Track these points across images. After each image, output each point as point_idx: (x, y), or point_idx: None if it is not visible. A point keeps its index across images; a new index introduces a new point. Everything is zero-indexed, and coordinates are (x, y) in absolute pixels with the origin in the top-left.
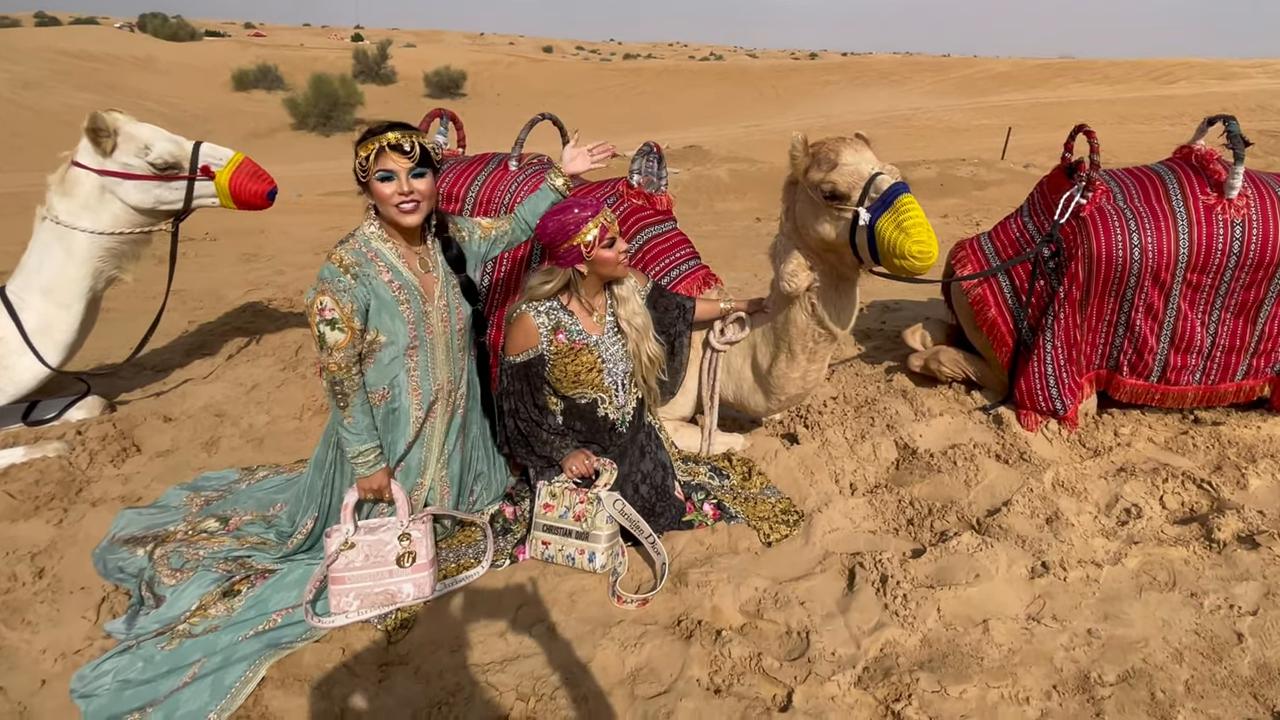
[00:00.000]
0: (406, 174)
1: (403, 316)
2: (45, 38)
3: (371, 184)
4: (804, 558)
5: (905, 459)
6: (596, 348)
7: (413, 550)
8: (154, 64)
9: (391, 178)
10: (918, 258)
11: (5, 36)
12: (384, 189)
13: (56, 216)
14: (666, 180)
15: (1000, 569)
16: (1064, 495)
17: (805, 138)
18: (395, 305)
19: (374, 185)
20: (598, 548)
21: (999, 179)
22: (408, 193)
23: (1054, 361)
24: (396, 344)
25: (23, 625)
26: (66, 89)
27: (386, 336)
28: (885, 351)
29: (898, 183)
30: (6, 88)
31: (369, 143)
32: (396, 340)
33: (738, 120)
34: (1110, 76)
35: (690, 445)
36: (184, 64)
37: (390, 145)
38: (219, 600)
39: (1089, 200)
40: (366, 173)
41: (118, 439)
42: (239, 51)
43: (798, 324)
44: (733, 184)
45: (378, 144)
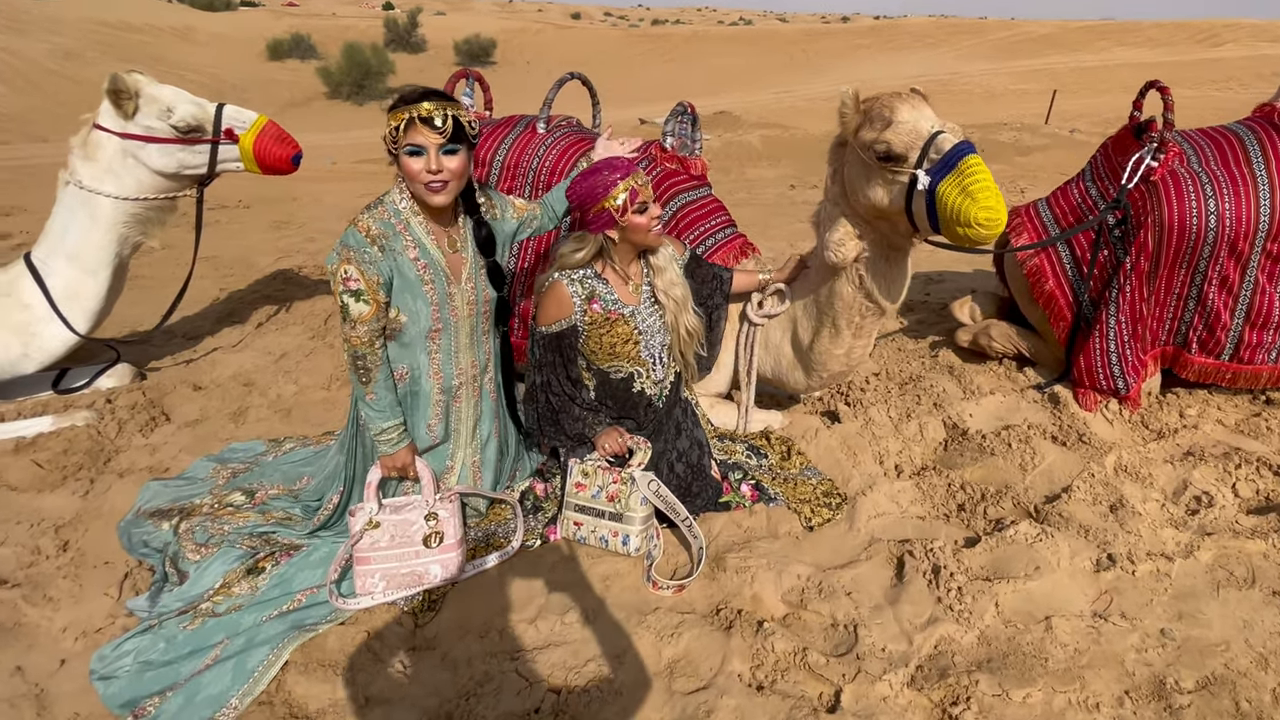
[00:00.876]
0: (437, 150)
1: (426, 297)
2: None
3: (400, 157)
4: (848, 544)
5: (954, 440)
6: (633, 318)
7: (440, 530)
8: (193, 34)
9: (421, 153)
10: (985, 225)
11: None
12: (412, 165)
13: (80, 181)
14: (701, 143)
15: (1062, 561)
16: (1128, 481)
17: (856, 93)
18: (419, 285)
19: (402, 159)
20: (632, 530)
21: (1043, 144)
22: (436, 171)
23: (1117, 337)
24: (418, 325)
25: (44, 601)
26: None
27: (408, 317)
28: (929, 325)
29: (962, 142)
30: (49, 58)
31: (399, 112)
32: (418, 321)
33: (768, 86)
34: (1154, 39)
35: (726, 423)
36: (221, 34)
37: (421, 118)
38: (243, 578)
39: (1160, 163)
40: (396, 144)
41: (147, 408)
42: (273, 21)
43: (843, 297)
44: (765, 151)
45: (408, 114)
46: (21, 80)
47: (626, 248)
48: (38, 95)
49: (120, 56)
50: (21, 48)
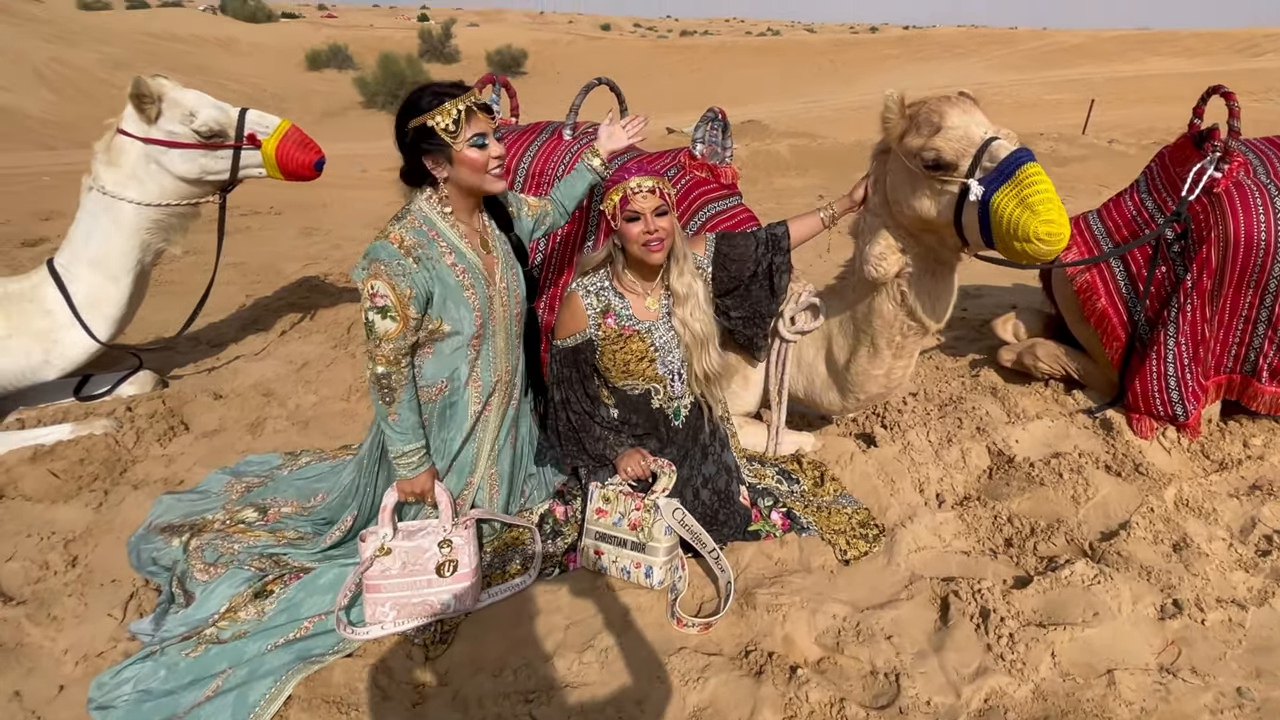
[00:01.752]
0: (494, 136)
1: (469, 303)
2: (134, 20)
3: (462, 152)
4: (887, 580)
5: (999, 467)
6: (648, 335)
7: (454, 558)
8: (235, 45)
9: (484, 143)
10: (1046, 241)
11: (98, 19)
12: (478, 156)
13: (103, 187)
14: (732, 151)
15: (1124, 606)
16: (1190, 517)
17: (902, 96)
18: (461, 291)
19: (465, 153)
20: (655, 561)
21: (1081, 155)
22: (500, 156)
23: (1176, 361)
24: (462, 334)
25: (48, 621)
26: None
27: (452, 326)
28: (969, 343)
29: (1020, 149)
30: (99, 68)
31: (448, 106)
32: (462, 330)
33: (796, 96)
34: (1192, 49)
35: (755, 444)
36: (262, 45)
37: (480, 105)
38: (250, 602)
39: (1224, 174)
40: (456, 137)
41: (166, 416)
42: (312, 32)
43: (883, 314)
44: (793, 160)
45: (465, 104)
46: (71, 89)
47: (636, 261)
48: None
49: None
50: (72, 57)
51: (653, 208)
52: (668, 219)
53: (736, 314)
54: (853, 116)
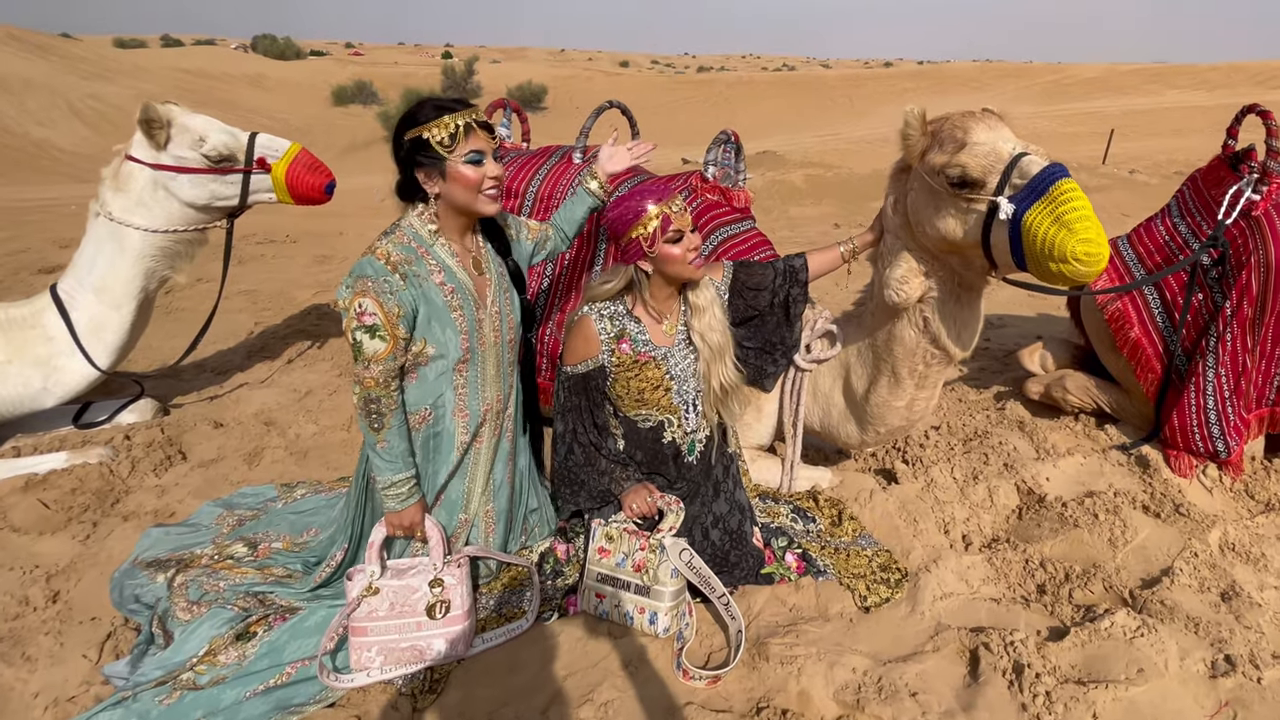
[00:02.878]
0: (492, 155)
1: (455, 325)
2: (168, 58)
3: (455, 168)
4: (910, 630)
5: (1029, 507)
6: (664, 362)
7: (446, 599)
8: (264, 81)
9: (481, 160)
10: (1085, 261)
11: (133, 57)
12: (471, 174)
13: (110, 213)
14: (745, 174)
15: (1171, 662)
16: (1238, 563)
17: (923, 112)
18: (447, 312)
19: (459, 169)
20: (660, 607)
21: (1102, 184)
22: (496, 177)
23: (1216, 393)
24: (446, 357)
25: (22, 661)
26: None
27: (435, 349)
28: (993, 374)
29: (1053, 164)
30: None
31: (446, 120)
32: (447, 353)
33: (811, 129)
34: (1209, 81)
35: (769, 479)
36: (290, 81)
37: (479, 122)
38: (231, 645)
39: (1263, 196)
40: (451, 150)
41: (164, 445)
42: (339, 69)
43: (905, 342)
44: (808, 189)
45: (464, 120)
46: (105, 124)
47: (662, 282)
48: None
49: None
50: (107, 93)
51: (689, 225)
52: (698, 235)
53: (749, 344)
54: (868, 148)
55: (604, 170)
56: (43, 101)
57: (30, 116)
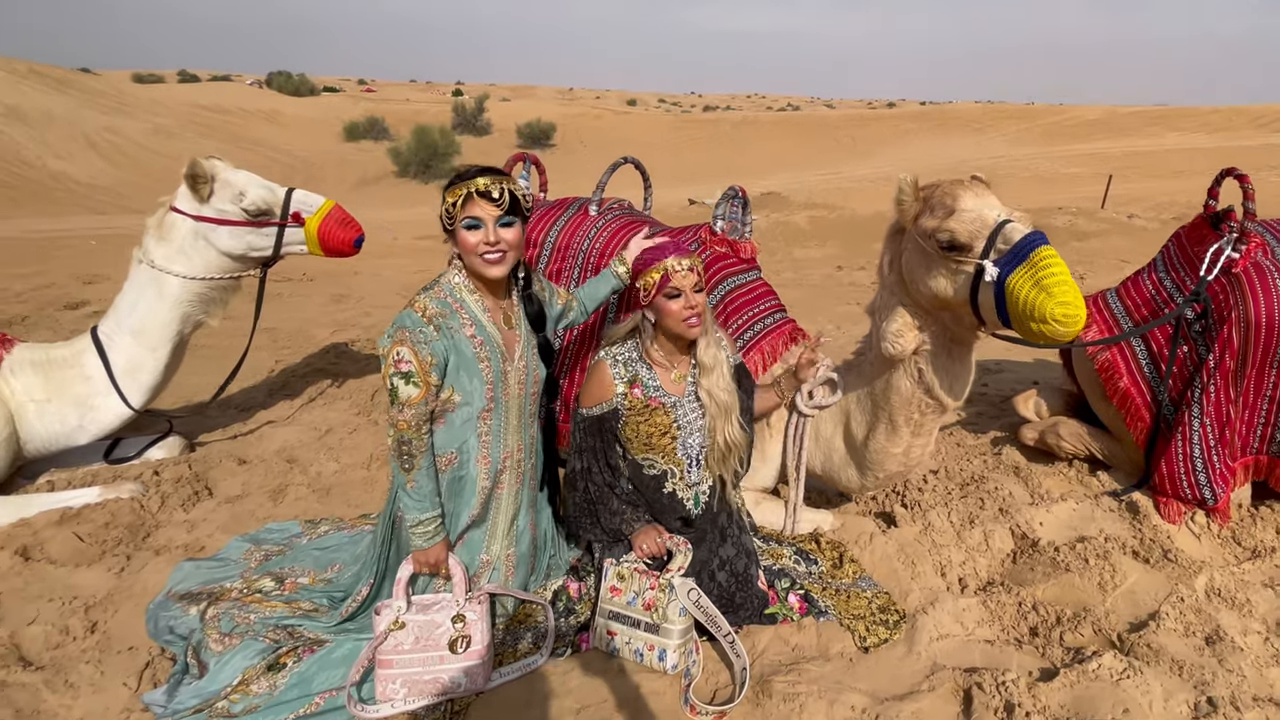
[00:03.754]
0: (494, 222)
1: (481, 375)
2: (185, 93)
3: (457, 231)
4: (908, 670)
5: (1023, 551)
6: (674, 410)
7: (467, 634)
8: (278, 117)
9: (478, 226)
10: (1062, 322)
11: (151, 92)
12: (469, 238)
13: (152, 260)
14: (751, 227)
15: (1155, 704)
16: (1224, 608)
17: (915, 180)
18: (475, 363)
19: (459, 233)
20: (669, 644)
21: (1100, 229)
22: (494, 243)
23: (1202, 441)
24: (471, 405)
25: (65, 688)
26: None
27: (462, 396)
28: (990, 420)
29: (1033, 232)
30: (150, 138)
31: (457, 188)
32: (472, 401)
33: (815, 168)
34: (1210, 123)
35: (772, 522)
36: (303, 117)
37: (479, 192)
38: (263, 675)
39: (1242, 254)
40: (453, 219)
41: (191, 481)
42: (351, 105)
43: (901, 392)
44: (812, 231)
45: (466, 190)
46: (121, 156)
47: (663, 333)
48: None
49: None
50: (124, 127)
51: (691, 285)
52: (702, 295)
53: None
54: (871, 188)
55: (632, 258)
56: (61, 134)
57: (49, 149)
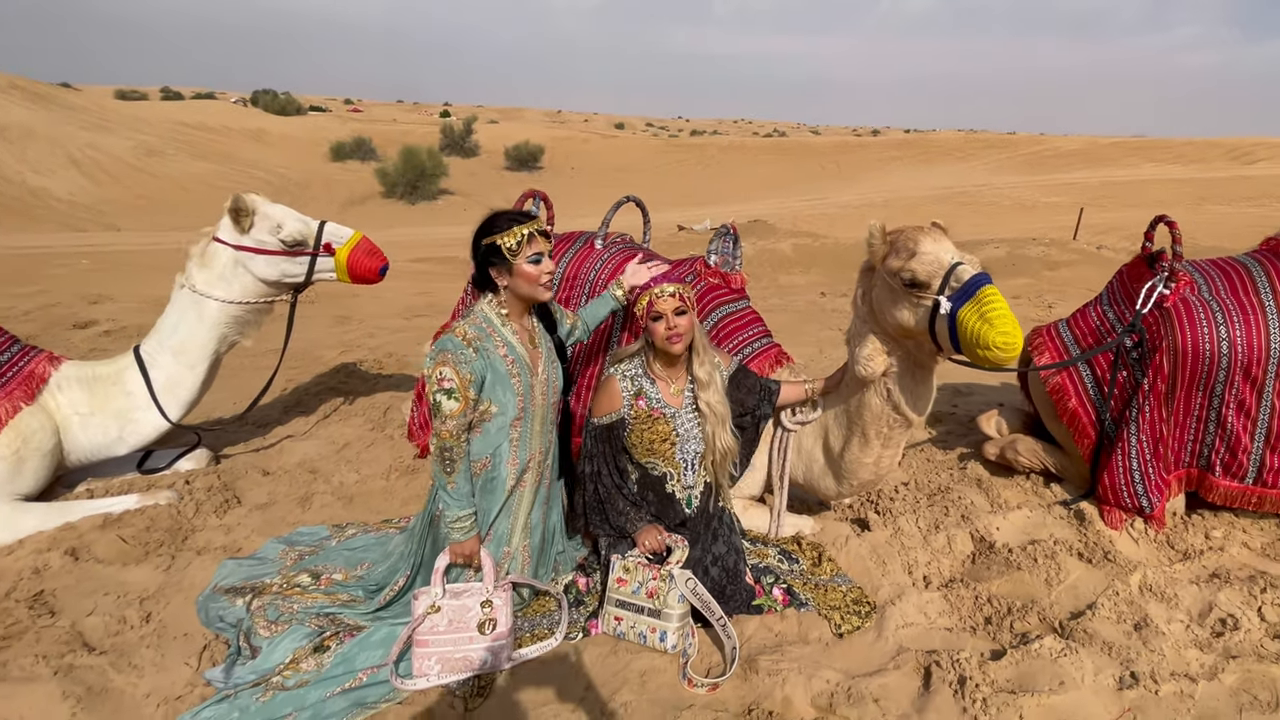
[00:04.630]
0: (548, 254)
1: (513, 389)
2: (168, 110)
3: (520, 266)
4: (877, 651)
5: (981, 553)
6: (673, 420)
7: (493, 617)
8: (264, 136)
9: (540, 259)
10: (1002, 349)
11: (133, 109)
12: (533, 270)
13: (194, 285)
14: (741, 260)
15: (1086, 677)
16: (1153, 600)
17: (883, 226)
18: (508, 379)
19: (523, 267)
20: (669, 627)
21: (1071, 260)
22: (552, 272)
23: (1139, 456)
24: (505, 415)
25: (129, 669)
26: (185, 157)
27: (498, 408)
28: (958, 437)
29: (980, 273)
30: (132, 155)
31: (516, 229)
32: (506, 411)
33: (800, 194)
34: (1185, 155)
35: (758, 526)
36: (289, 136)
37: (541, 231)
38: (310, 655)
39: (1172, 291)
40: (516, 255)
41: (221, 490)
42: (338, 125)
43: (872, 408)
44: (797, 258)
45: (529, 229)
46: (102, 174)
47: (656, 350)
48: (116, 188)
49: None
50: (106, 144)
51: (673, 308)
52: (687, 318)
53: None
54: (855, 214)
55: (628, 282)
56: (42, 150)
57: (29, 165)
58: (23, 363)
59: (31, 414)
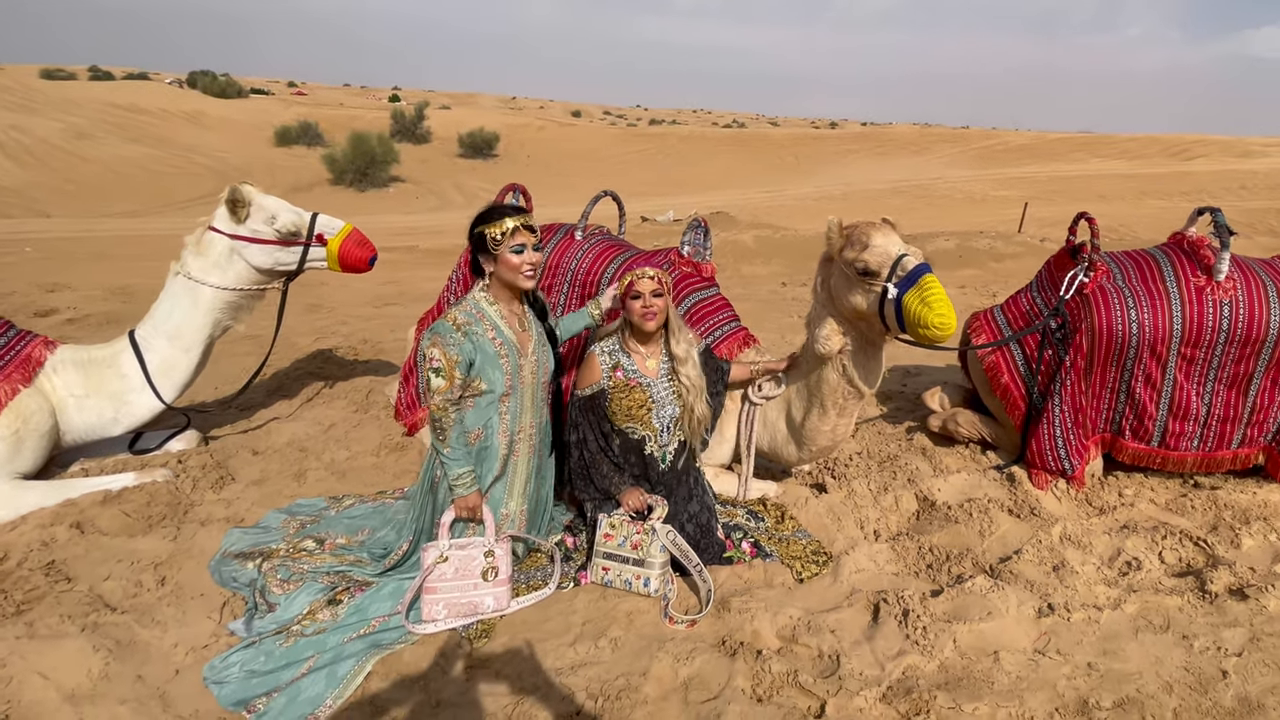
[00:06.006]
0: (532, 246)
1: (501, 368)
2: (99, 91)
3: (504, 255)
4: (833, 593)
5: (925, 510)
6: (649, 389)
7: (495, 566)
8: (202, 119)
9: (523, 250)
10: (939, 328)
11: (61, 89)
12: (516, 259)
13: (189, 273)
14: (711, 250)
15: (1011, 608)
16: (1070, 547)
17: (840, 221)
18: (496, 359)
19: (506, 256)
20: (652, 574)
21: (1016, 252)
22: (535, 263)
23: (1062, 425)
24: (494, 391)
25: (153, 624)
26: (117, 140)
27: (487, 385)
28: (906, 412)
29: (922, 263)
30: (61, 137)
31: (501, 222)
32: (494, 388)
33: (760, 186)
34: (1129, 151)
35: (728, 490)
36: (230, 119)
37: (525, 225)
38: (325, 607)
39: (1091, 279)
40: (499, 245)
41: (215, 468)
42: (282, 109)
43: (829, 382)
44: (759, 249)
45: (514, 223)
46: (29, 156)
47: (634, 326)
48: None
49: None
50: (32, 125)
51: (650, 290)
52: (662, 300)
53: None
54: (814, 206)
55: (604, 304)
56: None
57: None
58: (20, 346)
59: (29, 396)
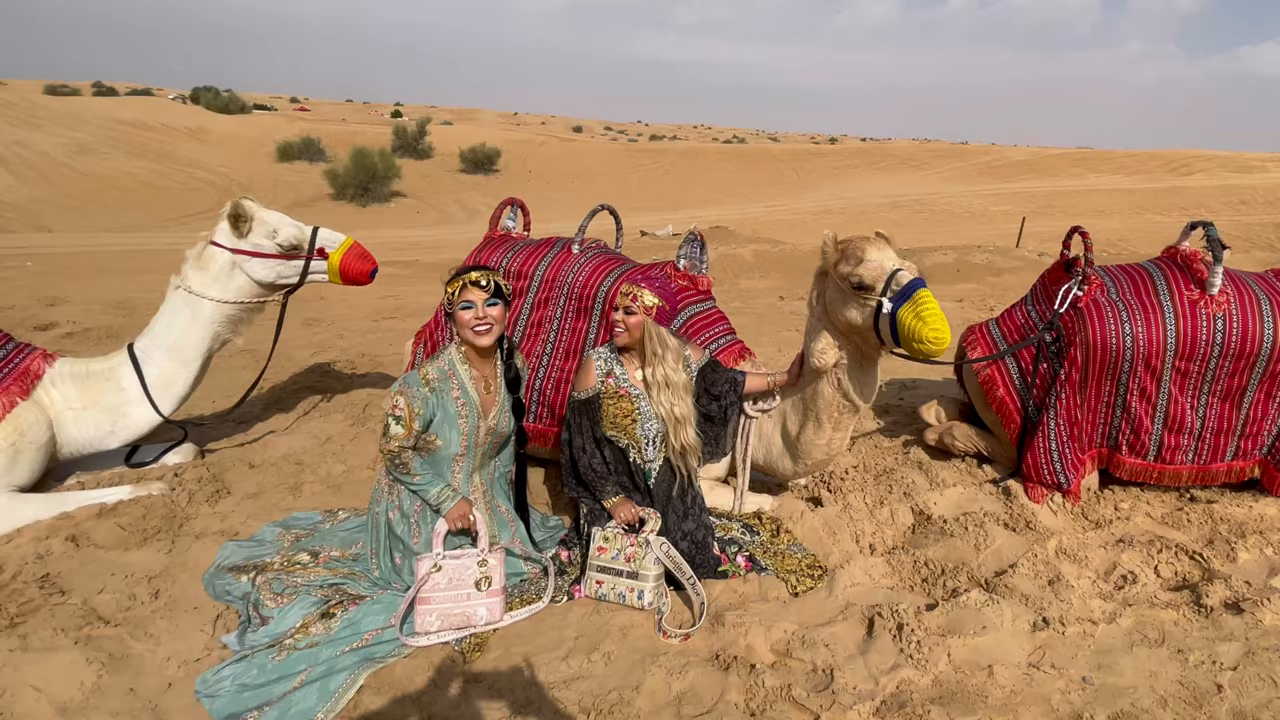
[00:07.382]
0: (483, 303)
1: (459, 429)
2: (102, 107)
3: (456, 314)
4: (828, 607)
5: (920, 524)
6: (637, 399)
7: (489, 575)
8: (205, 134)
9: (471, 307)
10: (933, 343)
11: (65, 105)
12: (464, 315)
13: (189, 286)
14: (707, 264)
15: (1005, 622)
16: (1066, 561)
17: (835, 235)
18: (456, 419)
19: (458, 314)
20: (646, 587)
21: (1014, 266)
22: (482, 317)
23: (1057, 438)
24: (449, 449)
25: (146, 637)
26: (120, 156)
27: (443, 443)
28: (903, 426)
29: (916, 278)
30: (63, 153)
31: (455, 281)
32: (449, 446)
33: (759, 200)
34: (1127, 167)
35: (723, 503)
36: (233, 135)
37: (471, 281)
38: (318, 620)
39: (1085, 293)
40: (453, 304)
41: (211, 481)
42: (285, 124)
43: (825, 396)
44: (756, 264)
45: (461, 281)
46: (31, 172)
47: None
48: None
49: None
50: (35, 141)
51: (624, 305)
52: (636, 318)
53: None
54: (813, 220)
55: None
56: None
57: None
58: (18, 359)
59: (27, 409)
